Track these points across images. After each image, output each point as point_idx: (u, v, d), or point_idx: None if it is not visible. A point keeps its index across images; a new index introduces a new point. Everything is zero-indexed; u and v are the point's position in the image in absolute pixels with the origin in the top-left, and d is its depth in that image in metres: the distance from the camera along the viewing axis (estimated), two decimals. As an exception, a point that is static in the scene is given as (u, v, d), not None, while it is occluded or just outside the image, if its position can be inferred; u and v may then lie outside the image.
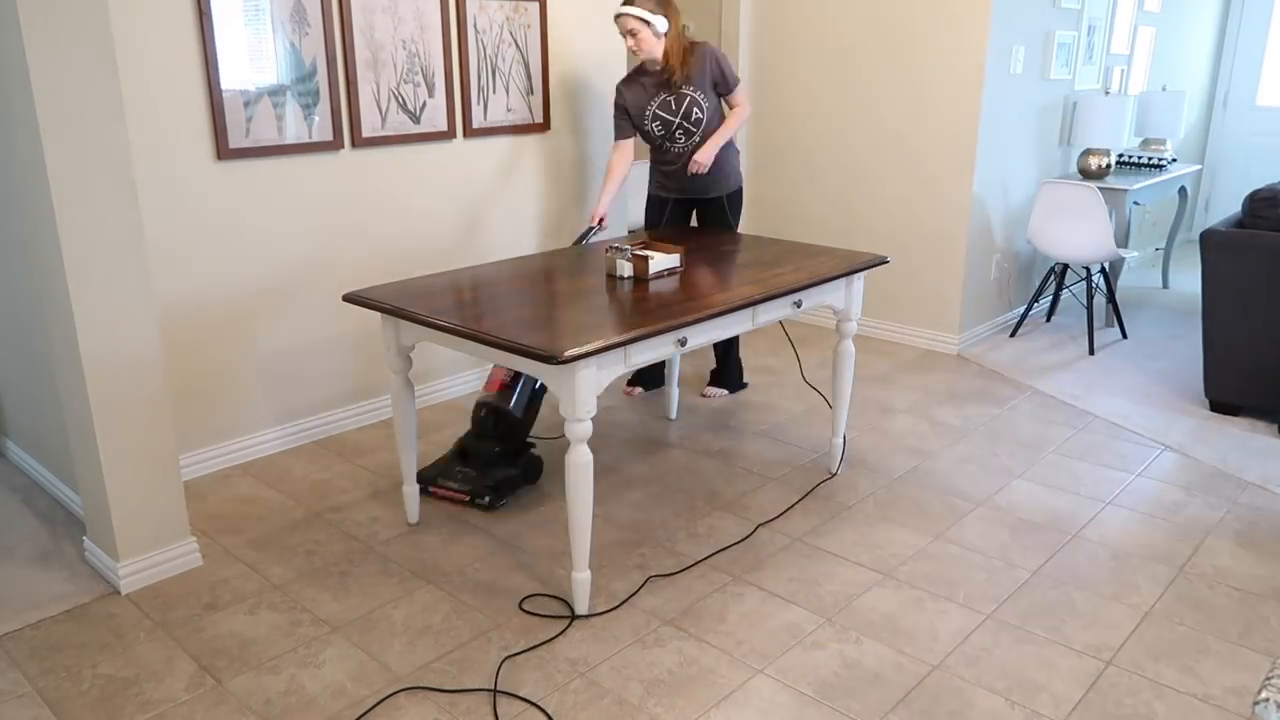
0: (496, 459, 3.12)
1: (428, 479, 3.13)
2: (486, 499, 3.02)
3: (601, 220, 3.74)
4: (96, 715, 2.14)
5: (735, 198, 3.84)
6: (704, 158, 3.58)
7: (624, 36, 3.51)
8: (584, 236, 3.68)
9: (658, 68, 3.56)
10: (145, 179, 2.99)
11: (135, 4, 2.86)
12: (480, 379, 4.19)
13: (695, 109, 3.58)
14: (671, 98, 3.58)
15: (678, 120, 3.61)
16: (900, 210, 4.68)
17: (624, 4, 3.48)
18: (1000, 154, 4.60)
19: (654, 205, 3.89)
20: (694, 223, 3.91)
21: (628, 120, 3.69)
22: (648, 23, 3.45)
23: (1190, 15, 6.39)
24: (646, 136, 3.71)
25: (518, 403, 3.16)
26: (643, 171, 5.26)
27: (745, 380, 4.17)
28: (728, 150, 3.72)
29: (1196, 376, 4.28)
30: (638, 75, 3.65)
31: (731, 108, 3.70)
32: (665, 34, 3.49)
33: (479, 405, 3.16)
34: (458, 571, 2.72)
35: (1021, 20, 4.44)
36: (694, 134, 3.62)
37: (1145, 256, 6.64)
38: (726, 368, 4.06)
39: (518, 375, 3.17)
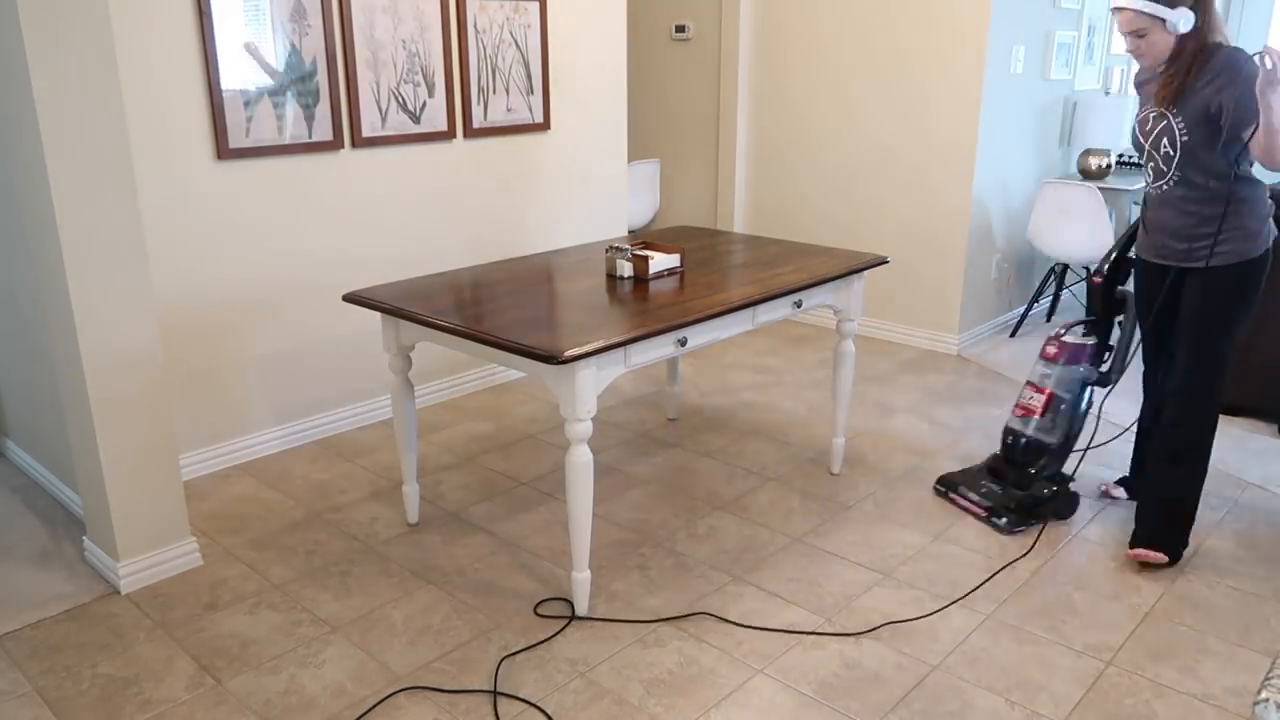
0: (1026, 482, 2.98)
1: (950, 484, 3.11)
2: (1004, 519, 2.92)
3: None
4: (96, 715, 2.14)
5: (1224, 277, 2.57)
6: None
7: (1125, 38, 2.57)
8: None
9: (1158, 72, 2.58)
10: (145, 179, 2.99)
11: (135, 4, 2.86)
12: (481, 380, 4.19)
13: (1166, 140, 2.55)
14: (1154, 114, 2.59)
15: (1147, 146, 2.63)
16: (900, 210, 4.68)
17: None
18: (1000, 154, 4.60)
19: (1136, 271, 2.87)
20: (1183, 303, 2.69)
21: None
22: (1161, 20, 2.46)
23: (1190, 15, 6.38)
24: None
25: (1052, 429, 2.98)
26: (643, 171, 5.27)
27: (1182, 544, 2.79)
28: (1228, 202, 2.53)
29: (1196, 376, 4.28)
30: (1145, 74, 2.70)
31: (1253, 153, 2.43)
32: (1188, 33, 2.47)
33: (1006, 431, 3.06)
34: (458, 571, 2.72)
35: (1021, 20, 4.44)
36: (1165, 174, 2.59)
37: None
38: (1166, 519, 2.75)
39: (1049, 401, 2.97)
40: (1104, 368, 2.99)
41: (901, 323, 4.83)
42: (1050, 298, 5.32)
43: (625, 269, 2.80)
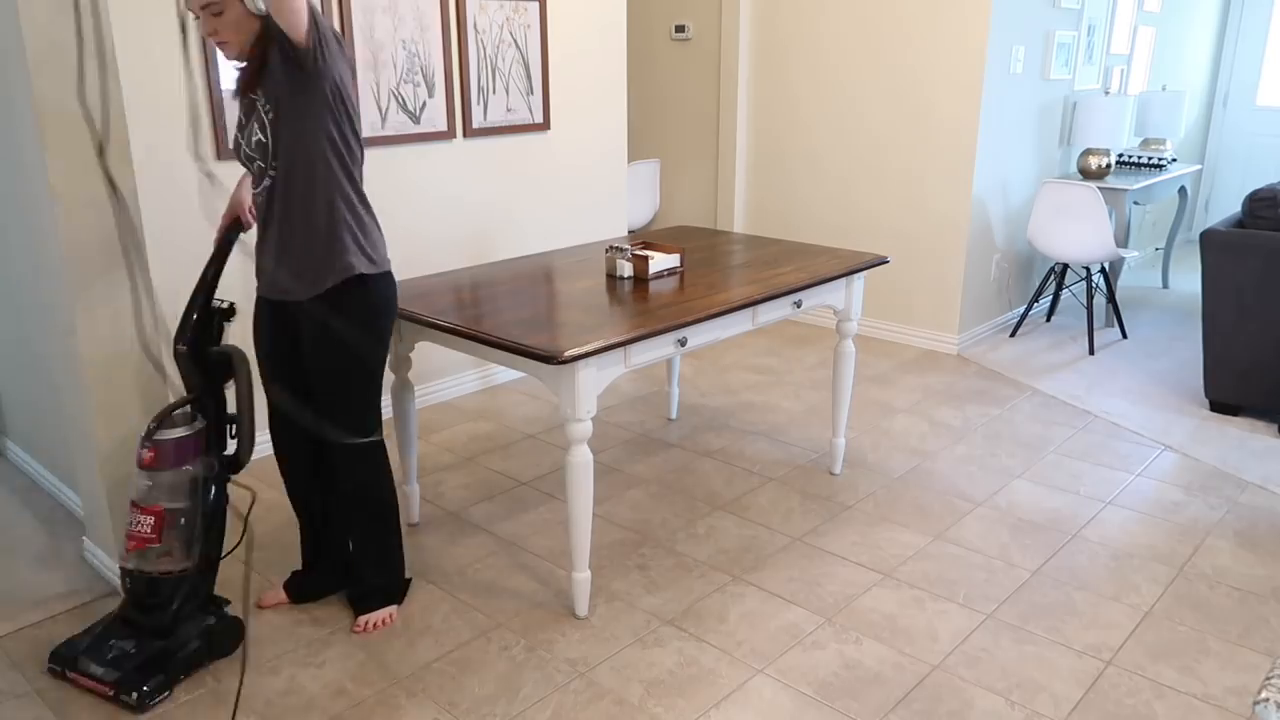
0: (170, 625, 2.26)
1: (66, 659, 2.24)
2: (134, 695, 2.13)
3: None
4: (96, 715, 2.14)
5: (343, 300, 2.22)
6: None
7: (198, 18, 2.04)
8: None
9: (243, 65, 2.12)
10: (145, 179, 2.99)
11: (135, 4, 2.86)
12: (481, 380, 4.19)
13: (258, 127, 2.12)
14: (245, 106, 2.17)
15: (245, 148, 2.17)
16: (900, 210, 4.68)
17: None
18: (1000, 154, 4.60)
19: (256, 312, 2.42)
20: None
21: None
22: None
23: (1190, 15, 6.39)
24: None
25: (181, 552, 2.26)
26: (643, 171, 5.27)
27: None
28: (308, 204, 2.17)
29: (1196, 376, 4.28)
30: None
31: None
32: (261, 12, 2.02)
33: (123, 572, 2.28)
34: (458, 571, 2.72)
35: (1021, 20, 4.44)
36: (267, 172, 2.15)
37: (1145, 256, 6.64)
38: (378, 570, 2.50)
39: (162, 520, 2.22)
40: (230, 450, 2.34)
41: (901, 323, 4.82)
42: (1050, 298, 5.32)
43: (625, 269, 2.80)
